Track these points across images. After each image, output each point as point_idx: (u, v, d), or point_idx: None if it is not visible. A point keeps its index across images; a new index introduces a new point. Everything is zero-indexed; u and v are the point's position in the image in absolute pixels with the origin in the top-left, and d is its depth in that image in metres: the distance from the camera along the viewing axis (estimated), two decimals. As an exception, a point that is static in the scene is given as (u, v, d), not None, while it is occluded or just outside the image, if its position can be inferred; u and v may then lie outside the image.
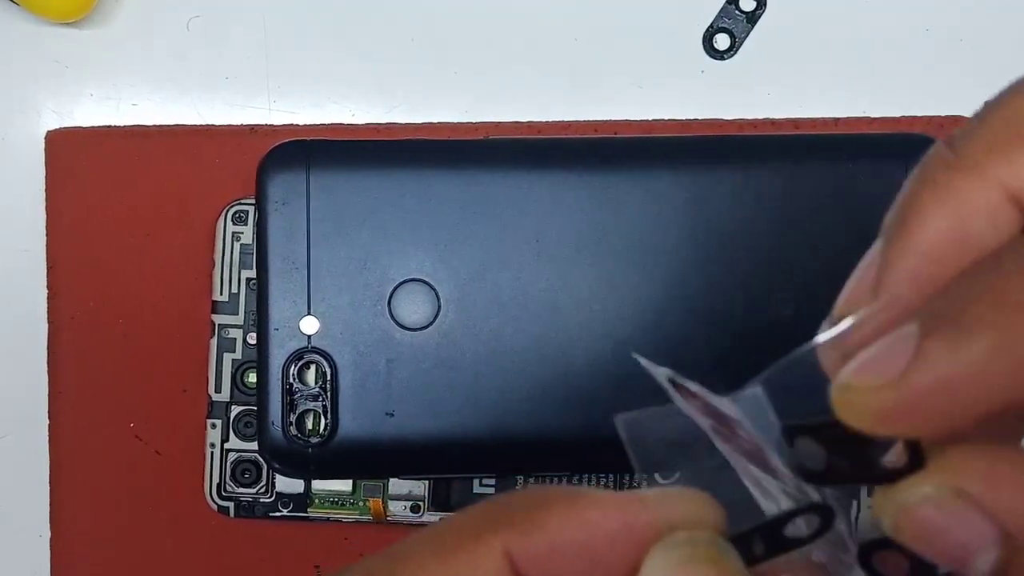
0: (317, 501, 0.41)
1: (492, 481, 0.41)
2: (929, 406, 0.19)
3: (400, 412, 0.38)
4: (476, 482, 0.41)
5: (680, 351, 0.38)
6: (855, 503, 0.41)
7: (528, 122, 0.42)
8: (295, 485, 0.41)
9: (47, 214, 0.42)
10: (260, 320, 0.39)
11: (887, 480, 0.21)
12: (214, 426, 0.41)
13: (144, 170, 0.42)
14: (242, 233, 0.41)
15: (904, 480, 0.21)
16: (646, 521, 0.21)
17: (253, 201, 0.40)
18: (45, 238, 0.42)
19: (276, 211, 0.39)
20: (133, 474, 0.42)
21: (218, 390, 0.41)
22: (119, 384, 0.42)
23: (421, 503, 0.41)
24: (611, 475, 0.41)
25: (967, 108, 0.42)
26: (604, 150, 0.39)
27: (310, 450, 0.38)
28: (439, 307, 0.39)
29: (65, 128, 0.43)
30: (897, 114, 0.42)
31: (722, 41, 0.43)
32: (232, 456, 0.41)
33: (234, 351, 0.41)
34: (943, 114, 0.42)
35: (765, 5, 0.43)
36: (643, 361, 0.22)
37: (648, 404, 0.38)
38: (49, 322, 0.42)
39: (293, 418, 0.39)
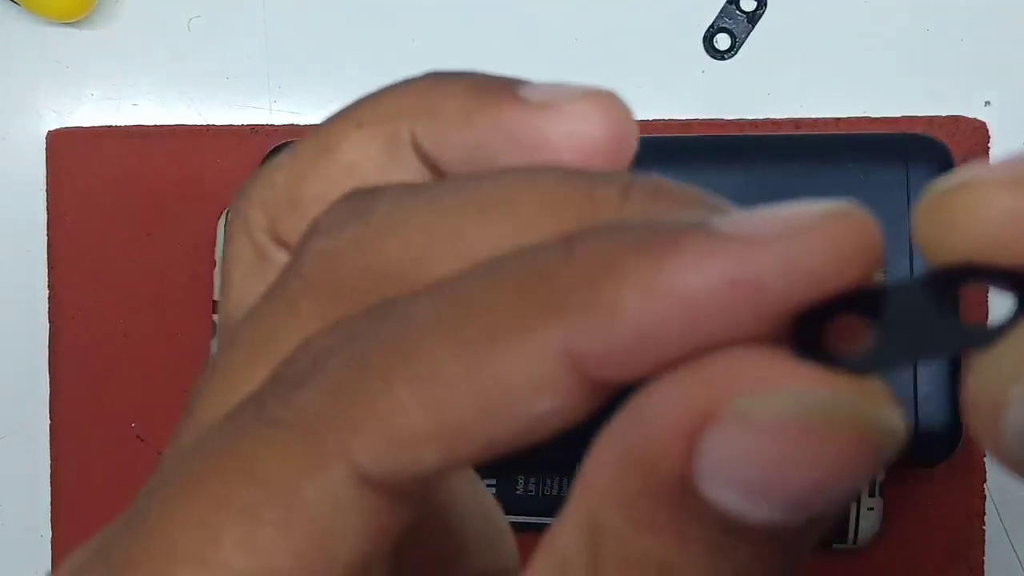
0: (318, 501, 0.41)
1: (493, 481, 0.41)
2: None
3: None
4: (476, 482, 0.41)
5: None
6: (855, 505, 0.41)
7: (528, 122, 0.42)
8: (296, 485, 0.41)
9: (48, 214, 0.42)
10: (261, 320, 0.39)
11: (988, 341, 0.13)
12: (215, 426, 0.41)
13: (144, 170, 0.42)
14: (243, 233, 0.41)
15: None
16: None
17: (254, 201, 0.40)
18: (46, 238, 0.42)
19: (277, 211, 0.39)
20: (134, 474, 0.42)
21: (219, 390, 0.41)
22: (120, 384, 0.42)
23: (422, 503, 0.41)
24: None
25: (967, 108, 0.42)
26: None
27: (311, 450, 0.38)
28: (440, 307, 0.39)
29: (66, 128, 0.43)
30: (897, 114, 0.42)
31: (723, 41, 0.43)
32: (233, 456, 0.41)
33: (235, 351, 0.41)
34: (943, 114, 0.42)
35: (766, 5, 0.43)
36: None
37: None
38: (50, 322, 0.42)
39: (294, 418, 0.38)
